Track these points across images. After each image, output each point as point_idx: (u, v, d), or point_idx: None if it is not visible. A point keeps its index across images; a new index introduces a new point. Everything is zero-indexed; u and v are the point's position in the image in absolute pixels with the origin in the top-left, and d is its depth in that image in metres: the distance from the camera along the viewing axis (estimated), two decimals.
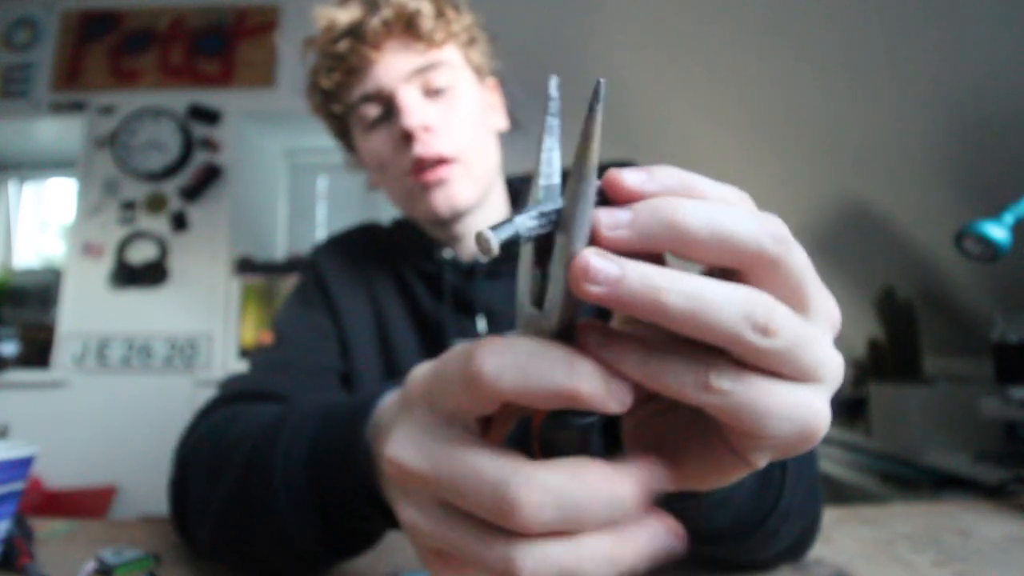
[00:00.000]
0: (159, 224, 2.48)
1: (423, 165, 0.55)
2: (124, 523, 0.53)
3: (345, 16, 0.55)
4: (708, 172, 0.20)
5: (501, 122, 0.66)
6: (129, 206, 2.48)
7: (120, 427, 2.32)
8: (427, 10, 0.55)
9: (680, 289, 0.16)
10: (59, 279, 2.54)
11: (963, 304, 1.66)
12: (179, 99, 2.55)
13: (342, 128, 0.63)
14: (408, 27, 0.55)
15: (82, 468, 2.24)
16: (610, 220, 0.17)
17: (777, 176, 1.94)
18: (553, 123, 0.19)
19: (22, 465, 0.37)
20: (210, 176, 2.49)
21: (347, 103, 0.59)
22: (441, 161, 0.55)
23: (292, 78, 2.56)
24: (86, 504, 2.17)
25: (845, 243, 1.95)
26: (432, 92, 0.57)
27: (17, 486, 0.37)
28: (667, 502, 0.26)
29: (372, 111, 0.57)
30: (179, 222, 2.47)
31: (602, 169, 0.18)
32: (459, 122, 0.57)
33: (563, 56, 2.29)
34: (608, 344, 0.17)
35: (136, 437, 2.27)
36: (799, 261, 0.18)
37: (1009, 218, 0.47)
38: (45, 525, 0.50)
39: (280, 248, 2.86)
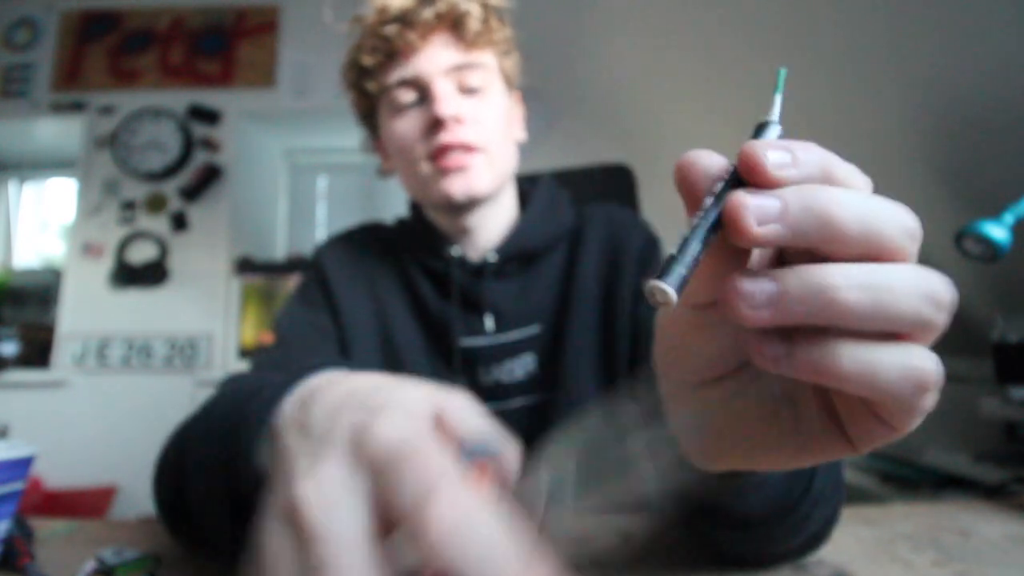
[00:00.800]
0: (159, 224, 2.48)
1: (447, 151, 0.57)
2: (124, 523, 0.53)
3: (398, 1, 0.57)
4: None
5: (521, 134, 0.68)
6: (129, 206, 2.48)
7: (120, 427, 2.32)
8: (476, 14, 0.58)
9: (856, 282, 0.15)
10: (59, 279, 2.54)
11: (963, 304, 1.66)
12: (179, 99, 2.55)
13: (369, 107, 0.64)
14: (456, 25, 0.58)
15: (82, 468, 2.24)
16: (759, 212, 0.15)
17: None
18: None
19: (22, 465, 0.37)
20: (210, 176, 2.49)
21: (383, 84, 0.60)
22: (466, 148, 0.57)
23: (292, 78, 2.56)
24: (86, 504, 2.17)
25: None
26: (465, 89, 0.59)
27: (17, 486, 0.37)
28: (706, 483, 0.25)
29: (406, 96, 0.59)
30: (179, 222, 2.47)
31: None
32: (487, 118, 0.59)
33: (563, 57, 2.29)
34: (821, 343, 0.16)
35: (136, 437, 2.27)
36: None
37: (1009, 218, 0.47)
38: (45, 525, 0.50)
39: (280, 248, 2.86)
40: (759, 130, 0.19)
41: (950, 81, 1.23)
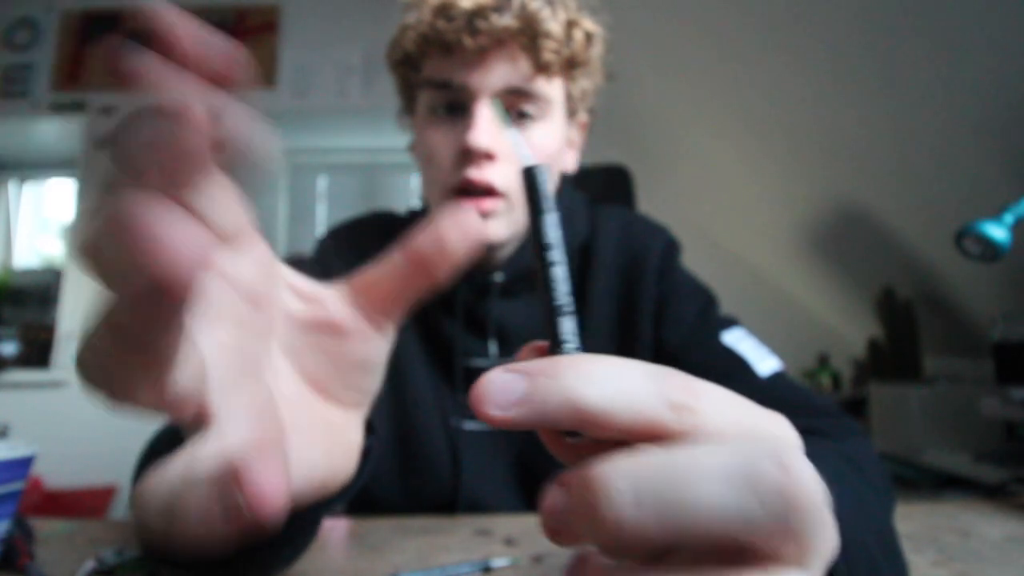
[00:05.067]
0: None
1: (469, 190, 0.51)
2: (124, 523, 0.53)
3: (468, 1, 0.49)
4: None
5: (571, 163, 0.62)
6: None
7: (120, 427, 2.30)
8: (556, 35, 0.50)
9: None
10: (59, 279, 2.54)
11: (963, 304, 1.66)
12: None
13: (409, 90, 0.59)
14: (528, 44, 0.50)
15: (82, 468, 2.23)
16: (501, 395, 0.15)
17: (777, 179, 1.94)
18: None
19: (22, 465, 0.37)
20: None
21: (426, 78, 0.53)
22: (489, 192, 0.51)
23: (292, 78, 2.56)
24: (86, 504, 2.17)
25: (845, 244, 1.95)
26: (514, 114, 0.53)
27: (17, 486, 0.37)
28: None
29: (445, 99, 0.52)
30: None
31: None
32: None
33: None
34: None
35: (136, 437, 2.26)
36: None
37: (1009, 218, 0.47)
38: (45, 525, 0.50)
39: (280, 248, 2.86)
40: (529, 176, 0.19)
41: (949, 82, 1.23)
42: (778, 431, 0.16)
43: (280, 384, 0.22)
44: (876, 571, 0.27)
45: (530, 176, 0.18)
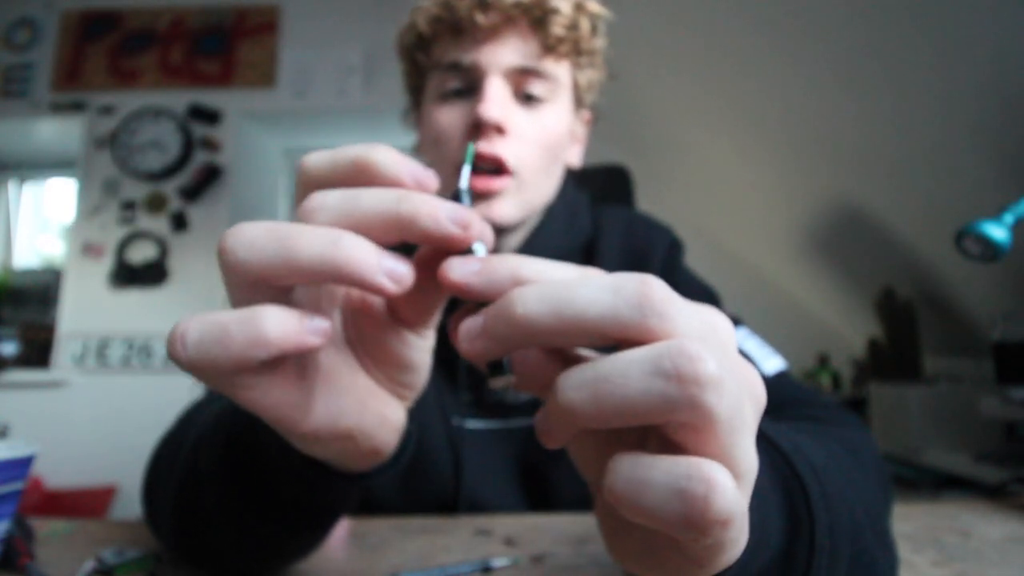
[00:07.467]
0: (159, 224, 2.48)
1: (478, 165, 0.51)
2: (124, 523, 0.53)
3: None
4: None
5: (576, 158, 0.62)
6: (129, 206, 2.48)
7: (120, 427, 2.32)
8: (565, 15, 0.51)
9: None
10: (59, 279, 2.54)
11: (963, 304, 1.66)
12: (179, 99, 2.55)
13: (418, 79, 0.58)
14: (537, 23, 0.51)
15: (82, 468, 2.24)
16: (466, 331, 0.19)
17: (777, 179, 1.94)
18: None
19: (22, 465, 0.37)
20: (210, 176, 2.49)
21: (435, 60, 0.54)
22: (498, 168, 0.51)
23: (292, 78, 2.56)
24: (86, 504, 2.17)
25: (845, 244, 1.95)
26: (523, 97, 0.53)
27: (17, 486, 0.37)
28: None
29: (455, 82, 0.53)
30: (179, 222, 2.47)
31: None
32: (534, 137, 0.52)
33: None
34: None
35: (136, 437, 2.26)
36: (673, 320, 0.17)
37: (1009, 218, 0.47)
38: (45, 525, 0.50)
39: None
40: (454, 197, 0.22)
41: (948, 82, 1.23)
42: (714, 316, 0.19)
43: (331, 342, 0.24)
44: (860, 535, 0.28)
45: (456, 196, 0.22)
